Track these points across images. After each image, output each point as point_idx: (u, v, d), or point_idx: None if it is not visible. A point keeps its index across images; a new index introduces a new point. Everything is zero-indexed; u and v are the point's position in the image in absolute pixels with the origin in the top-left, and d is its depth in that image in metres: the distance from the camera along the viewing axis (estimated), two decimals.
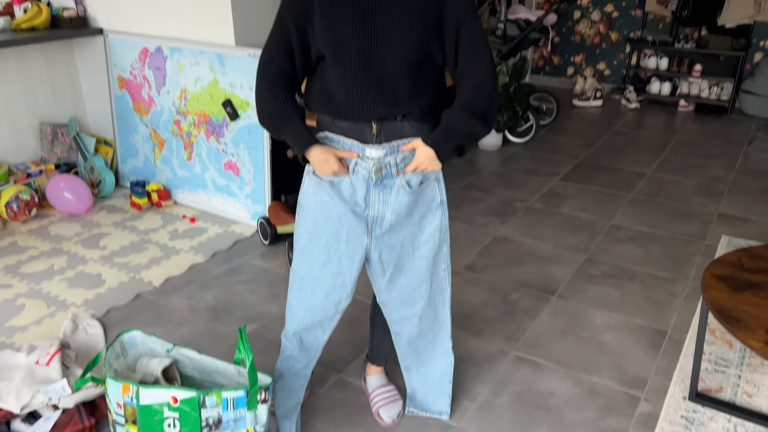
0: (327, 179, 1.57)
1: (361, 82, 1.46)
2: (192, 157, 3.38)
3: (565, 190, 3.77)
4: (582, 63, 6.10)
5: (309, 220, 1.62)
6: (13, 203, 3.19)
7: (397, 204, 1.58)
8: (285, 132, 1.54)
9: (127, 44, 3.39)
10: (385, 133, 1.53)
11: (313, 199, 1.61)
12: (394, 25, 1.42)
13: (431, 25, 1.45)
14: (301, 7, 1.46)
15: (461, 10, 1.45)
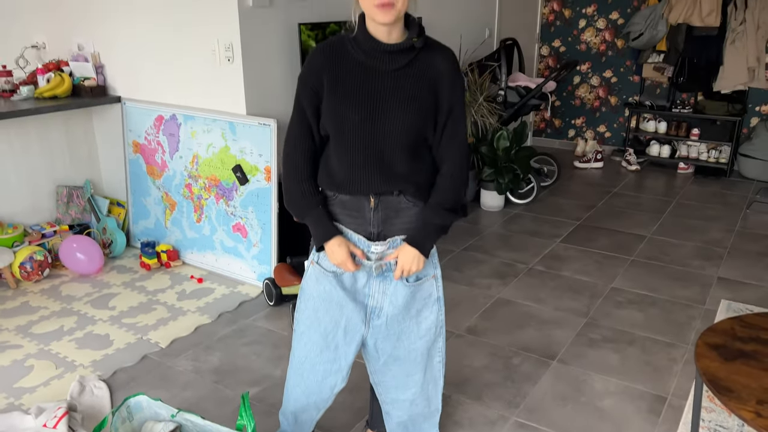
0: (331, 270, 1.66)
1: (362, 158, 1.57)
2: (201, 219, 3.48)
3: (566, 252, 3.84)
4: (583, 126, 6.26)
5: (310, 307, 1.71)
6: (27, 264, 3.28)
7: (396, 296, 1.67)
8: (307, 219, 1.65)
9: (143, 112, 3.56)
10: (382, 207, 1.62)
11: (315, 287, 1.69)
12: (394, 107, 1.54)
13: (428, 109, 1.57)
14: (313, 90, 1.58)
15: (454, 101, 1.58)
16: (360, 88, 1.54)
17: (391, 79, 1.55)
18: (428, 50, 1.57)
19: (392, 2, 1.47)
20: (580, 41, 6.04)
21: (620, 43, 5.86)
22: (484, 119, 4.42)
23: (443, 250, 3.84)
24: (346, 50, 1.57)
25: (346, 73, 1.55)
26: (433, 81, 1.56)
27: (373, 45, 1.53)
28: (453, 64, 1.59)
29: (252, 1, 3.05)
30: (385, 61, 1.54)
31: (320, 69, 1.56)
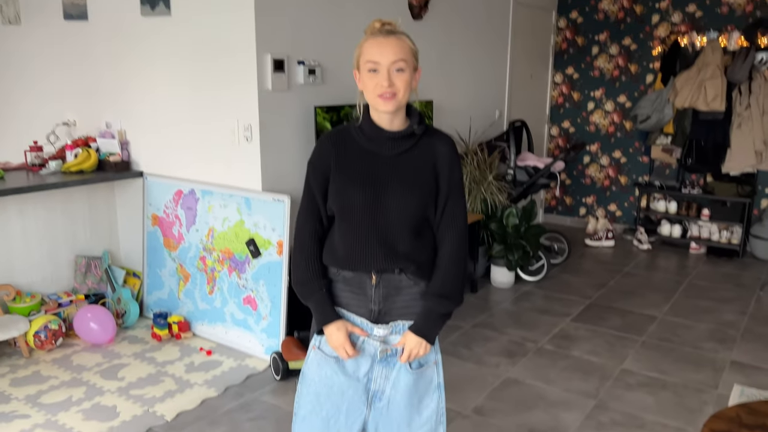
0: (333, 355, 1.70)
1: (364, 236, 1.64)
2: (214, 291, 3.54)
3: (576, 331, 3.82)
4: (593, 204, 6.34)
5: (311, 392, 1.73)
6: (42, 332, 3.34)
7: (398, 382, 1.69)
8: (310, 301, 1.70)
9: (163, 186, 3.70)
10: (383, 285, 1.67)
11: (316, 372, 1.72)
12: (395, 188, 1.63)
13: (428, 191, 1.65)
14: (322, 174, 1.68)
15: (452, 184, 1.67)
16: (364, 171, 1.63)
17: (393, 162, 1.64)
18: (428, 136, 1.68)
19: (393, 92, 1.58)
20: (589, 122, 6.21)
21: (628, 125, 6.02)
22: (493, 197, 4.51)
23: (452, 326, 3.84)
24: (352, 137, 1.67)
25: (351, 158, 1.65)
26: (433, 165, 1.65)
27: (377, 132, 1.64)
28: (452, 149, 1.68)
29: (271, 85, 3.23)
30: (388, 146, 1.64)
31: (327, 154, 1.67)
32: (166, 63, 3.54)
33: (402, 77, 1.59)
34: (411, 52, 1.61)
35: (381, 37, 1.59)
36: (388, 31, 1.60)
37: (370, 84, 1.60)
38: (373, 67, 1.58)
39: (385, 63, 1.57)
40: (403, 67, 1.58)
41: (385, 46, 1.57)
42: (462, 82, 4.88)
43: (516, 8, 5.43)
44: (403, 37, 1.61)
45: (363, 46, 1.61)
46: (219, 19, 3.25)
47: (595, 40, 6.05)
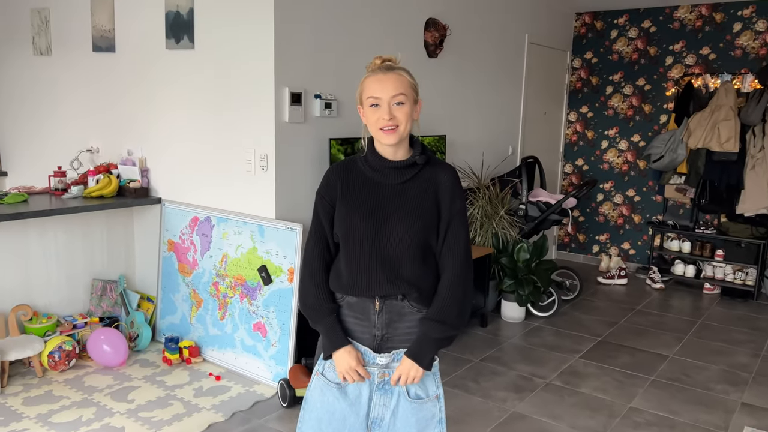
0: (335, 381, 1.74)
1: (368, 262, 1.69)
2: (225, 317, 3.60)
3: (586, 368, 3.79)
4: (607, 242, 6.33)
5: (313, 418, 1.77)
6: (56, 353, 3.40)
7: (397, 410, 1.72)
8: (320, 325, 1.75)
9: (180, 213, 3.80)
10: (386, 310, 1.71)
11: (319, 398, 1.76)
12: (399, 216, 1.68)
13: (429, 219, 1.70)
14: (329, 203, 1.75)
15: (453, 213, 1.71)
16: (367, 200, 1.70)
17: (396, 191, 1.70)
18: (431, 166, 1.74)
19: (395, 125, 1.65)
20: (603, 161, 6.25)
21: (642, 164, 6.05)
22: (504, 231, 4.54)
23: (460, 359, 3.84)
24: (357, 167, 1.75)
25: (356, 187, 1.72)
26: (435, 193, 1.70)
27: (381, 162, 1.72)
28: (453, 179, 1.73)
29: (288, 117, 3.34)
30: (391, 176, 1.71)
31: (334, 184, 1.74)
32: (188, 94, 3.67)
33: (402, 110, 1.66)
34: (410, 86, 1.68)
35: (381, 74, 1.66)
36: (387, 67, 1.68)
37: (373, 118, 1.67)
38: (374, 102, 1.66)
39: (385, 97, 1.64)
40: (403, 100, 1.65)
41: (385, 81, 1.65)
42: (475, 118, 4.97)
43: (531, 48, 5.55)
44: (402, 73, 1.68)
45: (364, 83, 1.69)
46: (240, 54, 3.38)
47: (609, 79, 6.14)
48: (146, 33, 3.80)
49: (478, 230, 4.56)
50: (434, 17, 4.28)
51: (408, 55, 4.15)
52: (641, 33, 5.93)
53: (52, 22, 4.37)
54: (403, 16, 4.06)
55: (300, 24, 3.34)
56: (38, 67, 4.54)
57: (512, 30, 5.27)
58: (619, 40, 6.04)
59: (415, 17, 4.16)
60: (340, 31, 3.58)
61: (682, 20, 5.72)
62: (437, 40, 4.28)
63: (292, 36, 3.32)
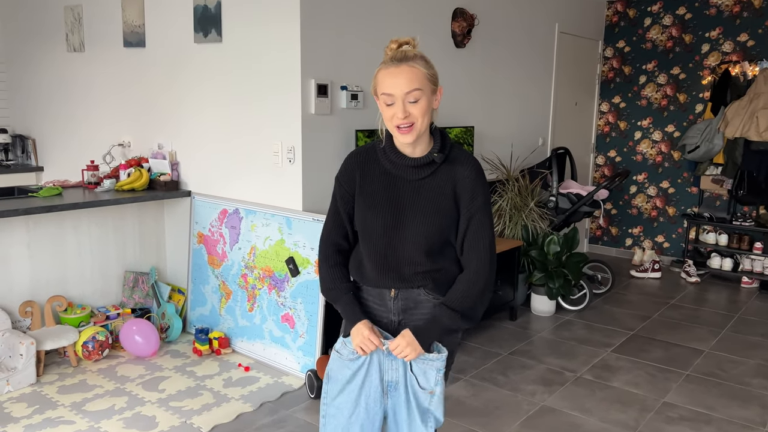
0: (350, 358, 1.75)
1: (382, 260, 1.70)
2: (254, 309, 3.63)
3: (617, 362, 3.72)
4: (640, 235, 6.20)
5: (335, 389, 1.78)
6: (90, 343, 3.48)
7: (407, 368, 1.73)
8: (338, 304, 1.77)
9: (209, 205, 3.84)
10: (402, 297, 1.72)
11: (338, 372, 1.78)
12: (416, 215, 1.66)
13: (448, 217, 1.67)
14: (348, 190, 1.75)
15: (474, 209, 1.67)
16: (384, 196, 1.68)
17: (413, 188, 1.67)
18: (451, 161, 1.68)
19: (411, 123, 1.60)
20: (636, 152, 6.12)
21: (676, 155, 5.90)
22: (534, 224, 4.48)
23: (489, 353, 3.80)
24: (377, 157, 1.72)
25: (374, 180, 1.71)
26: (454, 190, 1.66)
27: (398, 158, 1.68)
28: (474, 173, 1.67)
29: (315, 109, 3.34)
30: (409, 172, 1.68)
31: (353, 171, 1.73)
32: (216, 88, 3.70)
33: (418, 107, 1.59)
34: (426, 78, 1.60)
35: (393, 67, 1.58)
36: (401, 57, 1.59)
37: (387, 114, 1.63)
38: (388, 100, 1.60)
39: (399, 95, 1.58)
40: (419, 96, 1.58)
41: (398, 76, 1.57)
42: (504, 109, 4.90)
43: (561, 37, 5.45)
44: (416, 64, 1.59)
45: (378, 76, 1.63)
46: (266, 46, 3.39)
47: (642, 69, 5.99)
48: (175, 27, 3.84)
49: (507, 222, 4.51)
50: (462, 7, 4.23)
51: (435, 45, 4.12)
52: (676, 20, 5.77)
53: (84, 18, 4.45)
54: (431, 6, 4.02)
55: (326, 15, 3.34)
56: (72, 63, 4.64)
57: (542, 19, 5.18)
58: (653, 27, 5.89)
59: (442, 6, 4.12)
60: (366, 21, 3.57)
61: (719, 6, 5.55)
62: (465, 29, 4.24)
63: (318, 27, 3.31)
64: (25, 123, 5.20)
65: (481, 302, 1.71)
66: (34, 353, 3.23)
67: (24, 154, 5.20)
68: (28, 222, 3.50)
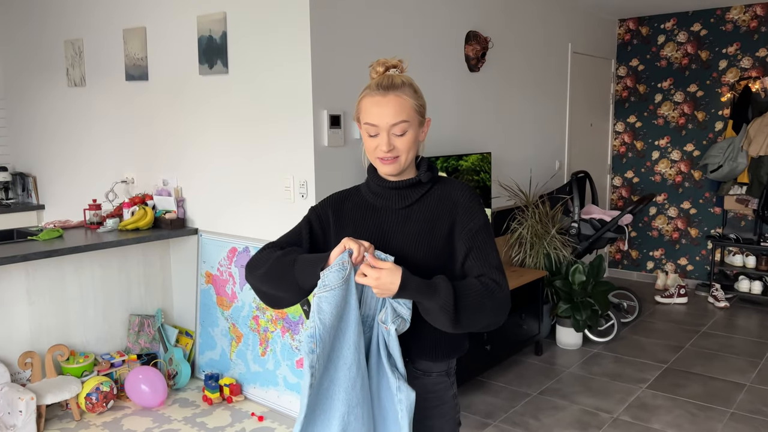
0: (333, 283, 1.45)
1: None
2: (266, 353, 3.42)
3: (654, 400, 3.49)
4: (662, 257, 5.98)
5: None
6: (93, 395, 3.27)
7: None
8: (296, 264, 1.44)
9: (217, 243, 3.65)
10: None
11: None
12: (402, 248, 1.47)
13: (443, 247, 1.47)
14: (318, 219, 1.56)
15: (474, 231, 1.44)
16: (368, 228, 1.51)
17: (399, 217, 1.50)
18: (440, 184, 1.53)
19: (395, 156, 1.45)
20: (654, 172, 5.93)
21: (697, 175, 5.71)
22: (557, 252, 4.28)
23: (517, 393, 3.58)
24: (360, 195, 1.58)
25: (354, 215, 1.54)
26: (447, 214, 1.48)
27: (381, 183, 1.52)
28: (469, 195, 1.50)
29: (327, 141, 3.16)
30: (394, 199, 1.51)
31: (328, 208, 1.57)
32: (223, 121, 3.54)
33: (404, 140, 1.45)
34: (414, 109, 1.45)
35: (379, 96, 1.44)
36: (387, 86, 1.44)
37: (370, 146, 1.48)
38: (371, 131, 1.46)
39: (384, 126, 1.44)
40: (405, 129, 1.44)
41: (384, 106, 1.43)
42: (521, 132, 4.73)
43: (574, 57, 5.30)
44: (403, 94, 1.44)
45: (362, 103, 1.48)
46: (276, 77, 3.23)
47: (657, 87, 5.84)
48: (179, 59, 3.70)
49: (528, 251, 4.31)
50: (475, 30, 4.08)
51: (449, 69, 3.96)
52: (691, 37, 5.63)
53: (85, 52, 4.32)
54: (443, 30, 3.87)
55: (337, 42, 3.18)
56: (73, 98, 4.49)
57: (555, 40, 5.04)
58: (667, 45, 5.75)
59: (455, 30, 3.97)
60: (378, 47, 3.41)
61: (735, 21, 5.41)
62: (479, 53, 4.08)
63: (330, 56, 3.15)
64: (25, 160, 5.05)
65: (477, 319, 1.38)
66: (34, 409, 3.02)
67: (24, 192, 5.04)
68: (27, 267, 3.31)
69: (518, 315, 3.89)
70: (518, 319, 3.90)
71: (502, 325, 3.75)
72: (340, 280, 1.39)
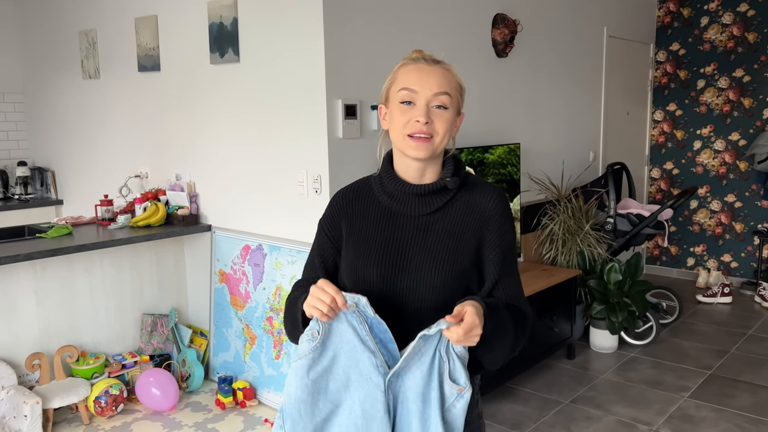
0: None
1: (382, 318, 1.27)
2: (281, 356, 3.25)
3: (698, 411, 3.22)
4: (704, 254, 5.64)
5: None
6: (102, 398, 3.15)
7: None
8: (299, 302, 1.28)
9: (231, 241, 3.49)
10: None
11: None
12: (422, 262, 1.26)
13: (467, 263, 1.28)
14: (330, 240, 1.37)
15: (504, 251, 1.29)
16: (380, 240, 1.30)
17: (420, 226, 1.29)
18: (469, 189, 1.32)
19: (429, 134, 1.24)
20: (696, 163, 5.59)
21: (743, 166, 5.35)
22: (591, 249, 4.01)
23: (547, 401, 3.34)
24: (372, 193, 1.35)
25: (366, 222, 1.32)
26: (476, 227, 1.29)
27: (399, 186, 1.31)
28: (501, 205, 1.31)
29: (342, 133, 2.97)
30: (414, 205, 1.30)
31: (338, 214, 1.36)
32: (234, 113, 3.37)
33: (443, 117, 1.25)
34: (458, 89, 1.28)
35: (424, 64, 1.26)
36: (432, 59, 1.28)
37: (401, 119, 1.25)
38: (408, 97, 1.24)
39: (424, 94, 1.23)
40: (447, 103, 1.25)
41: (429, 73, 1.24)
42: (552, 122, 4.46)
43: (610, 42, 4.99)
44: (450, 69, 1.28)
45: (399, 71, 1.29)
46: (287, 64, 3.04)
47: (700, 72, 5.48)
48: (190, 49, 3.54)
49: (560, 248, 4.05)
50: (503, 12, 3.83)
51: (474, 55, 3.72)
52: (737, 18, 5.25)
53: (99, 43, 4.20)
54: (468, 13, 3.63)
55: (353, 26, 2.97)
56: (88, 91, 4.39)
57: (589, 23, 4.74)
58: (711, 27, 5.38)
59: (481, 13, 3.72)
60: (398, 32, 3.19)
61: None
62: (507, 37, 3.83)
63: (345, 41, 2.95)
64: (44, 155, 4.99)
65: (503, 353, 1.25)
66: (39, 413, 2.91)
67: (43, 187, 4.97)
68: (35, 266, 3.20)
69: (549, 317, 3.65)
70: (549, 321, 3.66)
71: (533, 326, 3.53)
72: (307, 351, 1.22)
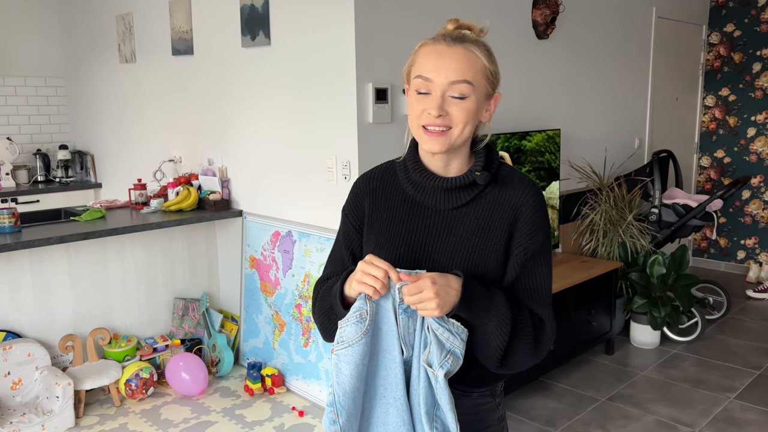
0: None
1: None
2: (309, 344, 3.21)
3: (745, 414, 3.05)
4: (755, 247, 5.37)
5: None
6: (133, 381, 3.17)
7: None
8: (335, 299, 1.20)
9: (261, 227, 3.46)
10: None
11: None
12: (446, 259, 1.18)
13: (494, 263, 1.19)
14: (354, 227, 1.29)
15: (532, 249, 1.18)
16: (403, 233, 1.21)
17: (445, 220, 1.20)
18: (501, 183, 1.20)
19: (445, 126, 1.13)
20: (749, 151, 5.30)
21: None
22: (633, 240, 3.84)
23: (583, 398, 3.22)
24: (396, 180, 1.26)
25: (389, 212, 1.24)
26: (503, 227, 1.18)
27: (424, 178, 1.21)
28: (535, 201, 1.19)
29: (372, 118, 2.88)
30: (440, 198, 1.20)
31: (362, 199, 1.28)
32: (265, 97, 3.32)
33: (462, 107, 1.13)
34: (483, 73, 1.15)
35: (443, 45, 1.15)
36: (456, 37, 1.15)
37: (417, 108, 1.16)
38: (423, 87, 1.15)
39: (440, 82, 1.13)
40: (466, 92, 1.13)
41: (446, 58, 1.13)
42: (595, 107, 4.27)
43: (658, 23, 4.75)
44: (474, 50, 1.14)
45: (418, 52, 1.20)
46: (316, 46, 2.97)
47: (756, 55, 5.17)
48: (222, 32, 3.50)
49: (601, 239, 3.89)
50: None
51: (514, 36, 3.57)
52: None
53: (135, 27, 4.20)
54: None
55: (385, 9, 2.87)
56: (125, 74, 4.41)
57: (637, 3, 4.51)
58: None
59: None
60: (432, 13, 3.07)
61: None
62: (548, 18, 3.66)
63: (376, 23, 2.85)
64: (84, 138, 5.06)
65: (521, 357, 1.16)
66: (71, 395, 2.95)
67: (83, 171, 5.05)
68: (68, 249, 3.24)
69: (587, 310, 3.51)
70: (587, 314, 3.52)
71: (571, 319, 3.39)
72: (358, 334, 1.13)
